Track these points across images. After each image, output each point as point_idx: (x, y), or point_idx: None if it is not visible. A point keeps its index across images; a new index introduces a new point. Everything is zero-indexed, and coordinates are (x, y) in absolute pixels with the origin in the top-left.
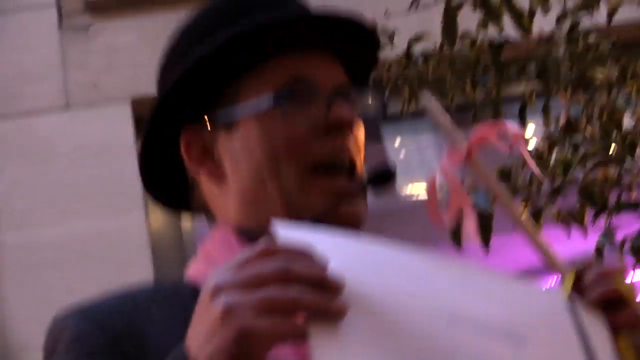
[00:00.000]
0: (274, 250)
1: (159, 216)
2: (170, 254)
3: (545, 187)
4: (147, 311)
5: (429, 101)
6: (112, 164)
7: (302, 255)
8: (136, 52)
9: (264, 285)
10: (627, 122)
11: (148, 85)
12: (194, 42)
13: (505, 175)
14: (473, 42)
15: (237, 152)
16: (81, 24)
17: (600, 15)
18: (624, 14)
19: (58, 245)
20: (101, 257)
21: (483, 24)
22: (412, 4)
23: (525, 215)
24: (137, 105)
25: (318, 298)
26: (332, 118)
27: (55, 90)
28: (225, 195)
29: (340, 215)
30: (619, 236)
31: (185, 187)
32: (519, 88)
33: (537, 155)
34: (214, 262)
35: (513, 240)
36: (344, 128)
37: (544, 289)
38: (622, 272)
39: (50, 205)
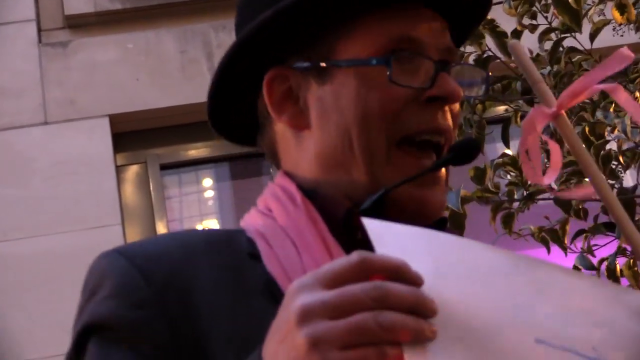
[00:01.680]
0: (369, 264)
1: (136, 230)
2: None
3: (519, 194)
4: (196, 261)
5: (519, 50)
6: (89, 179)
7: (398, 271)
8: (115, 69)
9: (357, 311)
10: (608, 137)
11: (126, 102)
12: None
13: (478, 177)
14: (459, 58)
15: (328, 105)
16: (60, 40)
17: (584, 37)
18: (608, 38)
19: (35, 260)
20: (78, 272)
21: (468, 43)
22: None
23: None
24: (115, 122)
25: (410, 325)
26: (437, 90)
27: (34, 106)
28: (300, 145)
29: (419, 198)
30: (597, 256)
31: (252, 125)
32: (502, 108)
33: (512, 162)
34: (274, 217)
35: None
36: (447, 103)
37: (629, 294)
38: None
39: (28, 220)
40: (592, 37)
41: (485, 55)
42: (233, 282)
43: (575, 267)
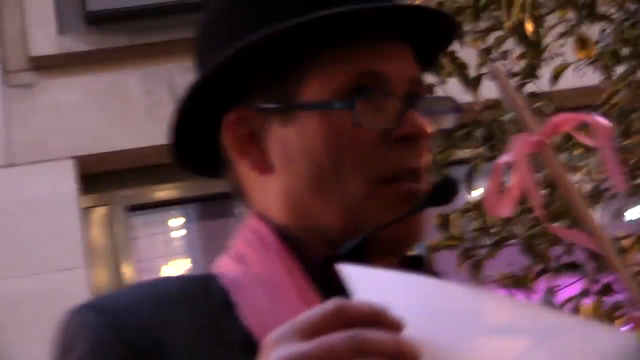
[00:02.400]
0: (346, 312)
1: (101, 273)
2: None
3: (485, 239)
4: (170, 315)
5: (499, 74)
6: (54, 221)
7: (377, 317)
8: (80, 111)
9: None
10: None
11: (91, 144)
12: (262, 19)
13: (443, 226)
14: None
15: (292, 147)
16: (25, 81)
17: (544, 82)
18: (567, 82)
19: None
20: (43, 315)
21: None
22: None
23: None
24: (80, 164)
25: None
26: (406, 130)
27: None
28: (266, 189)
29: (407, 225)
30: (561, 297)
31: (218, 162)
32: (466, 152)
33: (476, 208)
34: (248, 264)
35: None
36: (417, 140)
37: (613, 333)
38: None
39: None
40: (554, 79)
41: None
42: (209, 338)
43: None
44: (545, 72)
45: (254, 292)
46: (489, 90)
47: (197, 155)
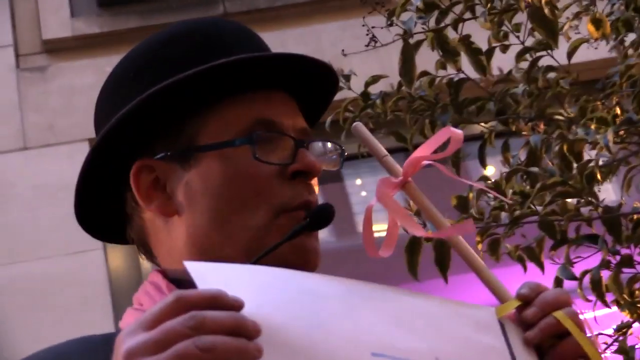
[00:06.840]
0: (185, 300)
1: (118, 255)
2: (130, 292)
3: (503, 218)
4: None
5: (361, 130)
6: (69, 204)
7: (215, 300)
8: (93, 93)
9: (177, 341)
10: (587, 154)
11: None
12: (155, 74)
13: (462, 205)
14: (431, 81)
15: (195, 188)
16: (38, 65)
17: (559, 54)
18: (582, 54)
19: (17, 286)
20: (60, 297)
21: (441, 65)
22: (369, 43)
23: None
24: None
25: (232, 344)
26: (299, 165)
27: (12, 132)
28: (171, 233)
29: (300, 248)
30: (579, 269)
31: (122, 220)
32: (478, 127)
33: (496, 186)
34: (144, 312)
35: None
36: (310, 175)
37: (477, 309)
38: (567, 301)
39: (7, 246)
40: (570, 55)
41: (457, 78)
42: None
43: (557, 279)
44: (560, 44)
45: None
46: (501, 62)
47: (101, 215)
